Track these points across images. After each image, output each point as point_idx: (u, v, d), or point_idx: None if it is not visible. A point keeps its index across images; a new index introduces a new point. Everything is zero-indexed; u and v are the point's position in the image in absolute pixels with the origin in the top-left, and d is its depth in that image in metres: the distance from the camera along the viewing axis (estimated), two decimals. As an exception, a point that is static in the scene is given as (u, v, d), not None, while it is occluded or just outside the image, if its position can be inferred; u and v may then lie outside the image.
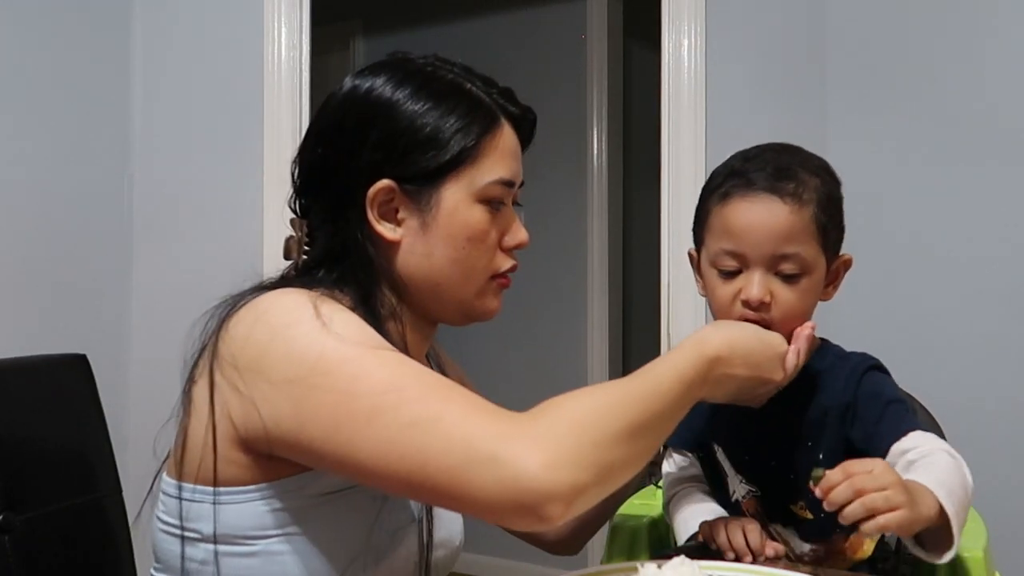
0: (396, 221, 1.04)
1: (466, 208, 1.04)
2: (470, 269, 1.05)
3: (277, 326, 0.93)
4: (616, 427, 0.88)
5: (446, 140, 1.02)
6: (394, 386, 0.87)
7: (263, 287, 1.02)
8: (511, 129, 1.08)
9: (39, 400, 1.33)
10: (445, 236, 1.04)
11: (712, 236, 1.15)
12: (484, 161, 1.04)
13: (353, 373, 0.88)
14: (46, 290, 2.30)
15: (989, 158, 2.17)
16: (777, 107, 2.33)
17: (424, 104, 1.03)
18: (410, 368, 0.90)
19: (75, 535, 1.30)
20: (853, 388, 1.14)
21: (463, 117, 1.03)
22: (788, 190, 1.12)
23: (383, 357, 0.90)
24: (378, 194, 1.02)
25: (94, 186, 2.44)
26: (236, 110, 2.51)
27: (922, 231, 2.20)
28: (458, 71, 1.08)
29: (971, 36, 2.19)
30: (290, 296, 0.96)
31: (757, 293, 1.11)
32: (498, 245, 1.08)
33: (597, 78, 3.59)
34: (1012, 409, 2.12)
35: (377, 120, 1.03)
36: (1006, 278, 2.15)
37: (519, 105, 1.10)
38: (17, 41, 2.25)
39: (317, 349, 0.90)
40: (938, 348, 2.17)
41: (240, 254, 2.45)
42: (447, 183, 1.03)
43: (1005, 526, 1.35)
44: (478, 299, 1.08)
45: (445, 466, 0.83)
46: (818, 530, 1.15)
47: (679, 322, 2.35)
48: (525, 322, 3.62)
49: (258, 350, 0.92)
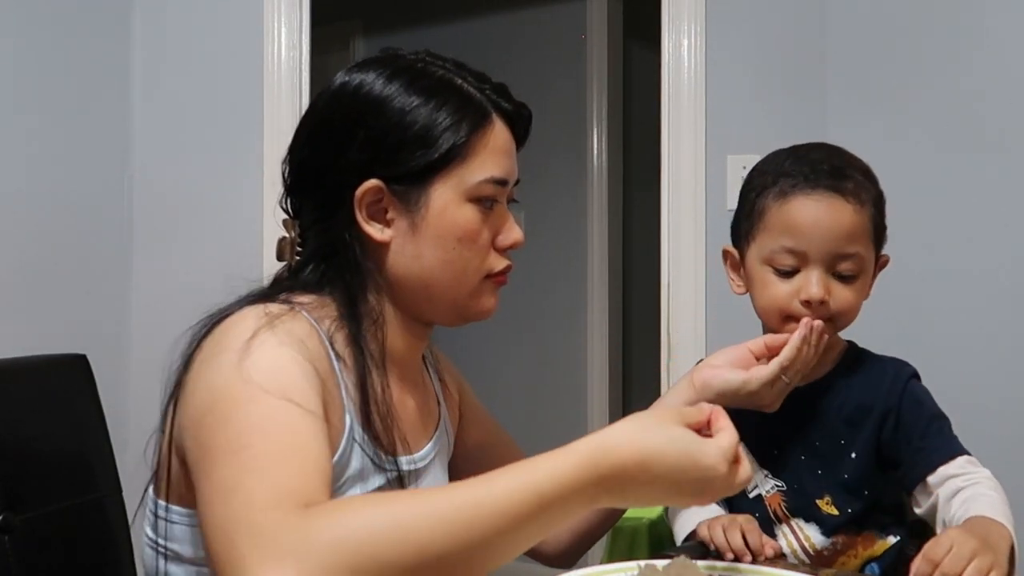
0: (385, 222, 1.02)
1: (456, 208, 1.01)
2: (462, 270, 1.03)
3: (208, 355, 0.92)
4: (400, 558, 0.73)
5: (435, 138, 1.00)
6: (244, 444, 0.83)
7: (248, 298, 1.00)
8: (504, 126, 1.05)
9: (39, 400, 1.33)
10: (435, 237, 1.01)
11: (769, 233, 1.15)
12: (474, 159, 1.01)
13: (227, 415, 0.86)
14: (46, 290, 2.29)
15: (990, 157, 2.16)
16: (777, 107, 2.33)
17: (412, 101, 1.01)
18: (278, 428, 0.84)
19: (75, 535, 1.30)
20: (898, 394, 1.15)
21: (453, 114, 1.01)
22: (849, 189, 1.14)
23: (267, 409, 0.85)
24: (366, 194, 1.00)
25: (94, 186, 2.44)
26: (236, 110, 2.50)
27: (923, 230, 2.19)
28: (449, 67, 1.06)
29: (971, 36, 2.19)
30: (245, 320, 0.93)
31: (818, 292, 1.12)
32: (491, 245, 1.06)
33: (597, 78, 3.58)
34: (1012, 409, 2.12)
35: (365, 118, 1.01)
36: (1007, 276, 2.14)
37: (512, 101, 1.07)
38: (17, 41, 2.25)
39: (221, 383, 0.88)
40: (938, 347, 2.17)
41: (240, 254, 2.44)
42: (436, 182, 1.01)
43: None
44: (472, 299, 1.05)
45: (214, 543, 0.79)
46: (842, 526, 1.16)
47: (679, 322, 2.35)
48: (525, 322, 3.62)
49: (191, 378, 0.92)
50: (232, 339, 0.91)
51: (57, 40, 2.34)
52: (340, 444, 0.96)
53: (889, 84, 2.27)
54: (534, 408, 3.47)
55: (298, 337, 0.93)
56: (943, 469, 1.11)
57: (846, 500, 1.14)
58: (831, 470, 1.15)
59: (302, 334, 0.95)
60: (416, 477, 1.06)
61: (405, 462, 1.04)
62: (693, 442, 0.81)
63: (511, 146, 1.06)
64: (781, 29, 2.35)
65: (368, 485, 0.99)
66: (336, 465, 0.95)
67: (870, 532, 1.17)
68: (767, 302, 1.16)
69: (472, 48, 3.69)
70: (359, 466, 0.98)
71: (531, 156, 1.13)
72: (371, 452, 0.99)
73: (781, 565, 1.07)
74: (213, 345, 0.93)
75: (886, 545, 1.18)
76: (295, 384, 0.88)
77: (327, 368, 0.96)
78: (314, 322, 0.99)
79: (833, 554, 1.17)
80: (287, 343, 0.92)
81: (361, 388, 0.99)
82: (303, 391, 0.88)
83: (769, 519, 1.19)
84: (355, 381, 0.99)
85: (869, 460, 1.14)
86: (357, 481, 0.98)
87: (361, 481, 0.98)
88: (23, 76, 2.26)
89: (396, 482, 1.01)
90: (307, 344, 0.94)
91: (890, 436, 1.15)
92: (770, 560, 1.08)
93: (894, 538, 1.18)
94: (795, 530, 1.17)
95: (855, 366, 1.20)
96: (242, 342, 0.90)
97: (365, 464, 0.99)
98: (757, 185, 1.19)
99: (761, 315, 1.19)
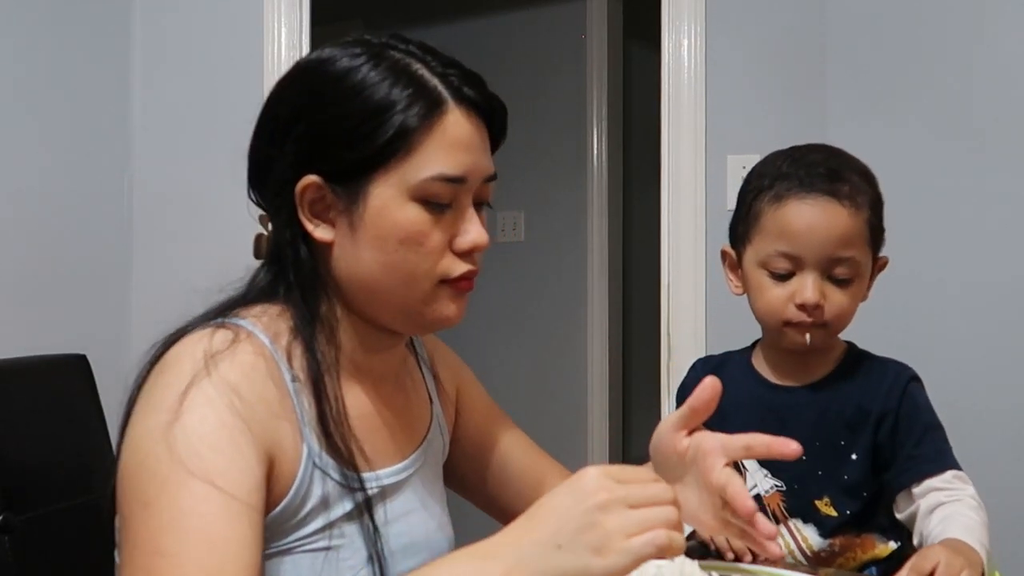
0: (329, 221, 0.95)
1: (397, 207, 0.92)
2: (408, 274, 0.93)
3: (147, 398, 0.88)
4: None
5: (373, 130, 0.91)
6: (160, 548, 0.80)
7: (203, 316, 0.97)
8: (465, 117, 0.94)
9: (39, 400, 1.33)
10: (373, 238, 0.93)
11: (764, 237, 1.15)
12: (420, 154, 0.92)
13: (149, 499, 0.82)
14: (46, 290, 2.29)
15: (990, 157, 2.16)
16: (777, 107, 2.33)
17: (357, 90, 0.92)
18: (197, 524, 0.81)
19: (75, 535, 1.30)
20: (897, 397, 1.15)
21: (399, 103, 0.91)
22: (845, 192, 1.13)
23: (188, 500, 0.81)
24: (306, 191, 0.94)
25: (94, 186, 2.44)
26: (236, 110, 2.49)
27: (923, 230, 2.19)
28: (413, 50, 0.96)
29: (971, 36, 2.19)
30: (183, 362, 0.89)
31: (813, 296, 1.11)
32: (447, 247, 0.95)
33: (597, 78, 3.58)
34: (1013, 409, 2.12)
35: (306, 109, 0.95)
36: (1007, 277, 2.14)
37: (480, 90, 0.95)
38: (17, 41, 2.25)
39: (149, 448, 0.84)
40: (938, 347, 2.17)
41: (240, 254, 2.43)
42: (375, 179, 0.92)
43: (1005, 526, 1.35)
44: (427, 306, 0.96)
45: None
46: (840, 527, 1.16)
47: (679, 322, 2.35)
48: (525, 322, 3.62)
49: (132, 419, 0.89)
50: (167, 390, 0.87)
51: (57, 40, 2.34)
52: (297, 476, 0.91)
53: (889, 84, 2.27)
54: (534, 408, 3.47)
55: (234, 383, 0.88)
56: (929, 481, 1.12)
57: (845, 501, 1.14)
58: (831, 471, 1.15)
59: (240, 374, 0.89)
60: (394, 492, 1.01)
61: (379, 478, 0.99)
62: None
63: (474, 140, 0.95)
64: (781, 29, 2.35)
65: (332, 514, 0.93)
66: (293, 499, 0.91)
67: (869, 535, 1.17)
68: (763, 306, 1.17)
69: (472, 48, 3.69)
70: (321, 494, 0.93)
71: (531, 156, 1.12)
72: (337, 474, 0.93)
73: (781, 565, 1.07)
74: (155, 380, 0.90)
75: (887, 550, 1.18)
76: (219, 459, 0.84)
77: (277, 398, 0.91)
78: (267, 341, 0.94)
79: (831, 556, 1.17)
80: (218, 396, 0.87)
81: (316, 399, 0.94)
82: (227, 467, 0.84)
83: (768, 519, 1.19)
84: (311, 395, 0.94)
85: (869, 462, 1.15)
86: (320, 511, 0.93)
87: (325, 510, 0.93)
88: (23, 76, 2.26)
89: (367, 504, 0.95)
90: (245, 384, 0.89)
91: (886, 438, 1.15)
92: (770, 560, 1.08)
93: (895, 543, 1.18)
94: (793, 531, 1.17)
95: (855, 367, 1.20)
96: (175, 397, 0.86)
97: (328, 490, 0.93)
98: (754, 187, 1.18)
99: (758, 318, 1.20)
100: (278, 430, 0.90)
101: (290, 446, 0.91)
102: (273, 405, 0.91)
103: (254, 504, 0.85)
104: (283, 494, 0.90)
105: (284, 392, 0.92)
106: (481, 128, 0.96)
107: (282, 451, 0.90)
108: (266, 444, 0.88)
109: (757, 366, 1.25)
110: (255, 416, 0.88)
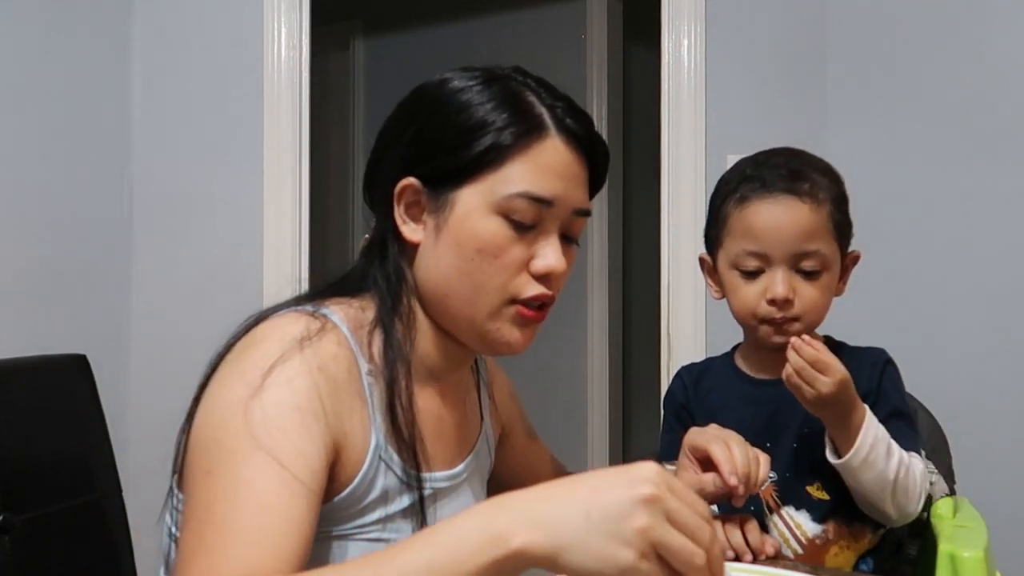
0: (421, 222, 1.00)
1: (479, 216, 0.96)
2: (479, 285, 0.97)
3: (232, 365, 0.91)
4: None
5: (473, 141, 0.96)
6: (213, 517, 0.82)
7: (293, 300, 1.01)
8: (564, 146, 0.98)
9: (39, 400, 1.33)
10: (453, 244, 0.97)
11: (732, 238, 1.20)
12: (510, 170, 0.96)
13: (213, 466, 0.85)
14: (46, 290, 2.30)
15: (990, 157, 2.17)
16: (777, 107, 2.33)
17: (467, 105, 0.98)
18: (254, 498, 0.83)
19: (75, 535, 1.30)
20: (877, 378, 1.20)
21: (502, 121, 0.96)
22: (804, 190, 1.18)
23: (250, 472, 0.84)
24: (404, 192, 1.00)
25: (94, 185, 2.44)
26: (236, 110, 2.51)
27: (922, 230, 2.20)
28: (530, 82, 1.01)
29: (971, 36, 2.19)
30: (273, 339, 0.92)
31: (782, 291, 1.16)
32: (523, 267, 0.99)
33: (597, 78, 3.58)
34: (1012, 409, 2.12)
35: (419, 116, 1.01)
36: (1006, 277, 2.15)
37: (583, 126, 1.00)
38: (17, 41, 2.25)
39: (225, 418, 0.87)
40: (938, 347, 2.17)
41: (240, 254, 2.45)
42: (466, 186, 0.97)
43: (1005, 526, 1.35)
44: (491, 322, 0.99)
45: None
46: (831, 511, 1.18)
47: (679, 322, 2.35)
48: (525, 322, 3.61)
49: (214, 382, 0.92)
50: (252, 365, 0.90)
51: (57, 40, 2.34)
52: (363, 465, 0.94)
53: (889, 84, 2.27)
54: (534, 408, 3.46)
55: (315, 370, 0.91)
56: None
57: (836, 483, 1.16)
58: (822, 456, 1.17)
59: (322, 363, 0.92)
60: (445, 496, 1.04)
61: (434, 479, 1.02)
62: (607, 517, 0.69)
63: (570, 170, 0.99)
64: (781, 29, 2.35)
65: (390, 508, 0.97)
66: (357, 488, 0.94)
67: (862, 525, 1.18)
68: (737, 305, 1.21)
69: (472, 48, 3.70)
70: (383, 486, 0.96)
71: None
72: (399, 470, 0.97)
73: (781, 564, 1.07)
74: (240, 353, 0.93)
75: (878, 537, 1.19)
76: (288, 439, 0.86)
77: (352, 388, 0.95)
78: (349, 333, 0.97)
79: (825, 543, 1.18)
80: (299, 380, 0.89)
81: (388, 391, 0.97)
82: (293, 448, 0.86)
83: (762, 511, 1.20)
84: (384, 387, 0.97)
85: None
86: (380, 503, 0.96)
87: (384, 504, 0.96)
88: (23, 76, 2.26)
89: (420, 503, 0.98)
90: (325, 374, 0.92)
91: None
92: (770, 559, 1.09)
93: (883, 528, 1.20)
94: (786, 519, 1.19)
95: (841, 358, 1.21)
96: (259, 374, 0.88)
97: (390, 484, 0.96)
98: (721, 192, 1.23)
99: (736, 318, 1.24)
100: (350, 420, 0.94)
101: (359, 437, 0.95)
102: (348, 396, 0.94)
103: (313, 488, 0.87)
104: (349, 481, 0.94)
105: (359, 385, 0.96)
106: (580, 161, 1.01)
107: (351, 441, 0.94)
108: (336, 433, 0.92)
109: (740, 366, 1.29)
110: (329, 405, 0.91)
